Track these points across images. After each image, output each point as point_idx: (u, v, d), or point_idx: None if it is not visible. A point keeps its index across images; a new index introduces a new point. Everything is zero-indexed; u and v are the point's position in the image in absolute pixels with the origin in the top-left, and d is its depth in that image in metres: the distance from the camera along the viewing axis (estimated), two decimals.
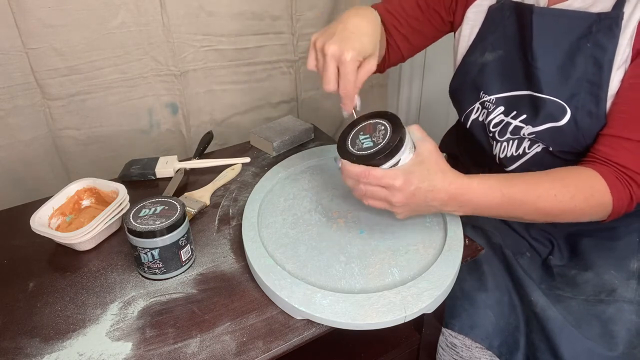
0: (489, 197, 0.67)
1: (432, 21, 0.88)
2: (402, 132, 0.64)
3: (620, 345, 0.68)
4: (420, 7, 0.87)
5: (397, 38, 0.88)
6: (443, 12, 0.88)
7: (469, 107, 0.87)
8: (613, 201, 0.69)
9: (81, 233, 0.71)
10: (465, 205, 0.67)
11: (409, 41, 0.89)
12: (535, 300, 0.73)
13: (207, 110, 1.23)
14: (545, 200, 0.68)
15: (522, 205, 0.68)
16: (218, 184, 0.89)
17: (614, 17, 0.70)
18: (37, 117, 1.05)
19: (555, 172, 0.71)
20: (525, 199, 0.68)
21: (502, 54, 0.81)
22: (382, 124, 0.66)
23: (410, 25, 0.88)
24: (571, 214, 0.70)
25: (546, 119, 0.76)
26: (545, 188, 0.68)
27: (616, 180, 0.69)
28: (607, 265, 0.78)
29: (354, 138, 0.67)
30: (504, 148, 0.83)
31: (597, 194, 0.69)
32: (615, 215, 0.71)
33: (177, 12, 1.07)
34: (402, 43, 0.89)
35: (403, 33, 0.88)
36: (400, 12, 0.87)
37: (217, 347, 0.59)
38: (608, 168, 0.70)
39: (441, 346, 0.79)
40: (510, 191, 0.67)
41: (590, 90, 0.72)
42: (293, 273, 0.66)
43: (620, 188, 0.69)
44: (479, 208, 0.68)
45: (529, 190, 0.68)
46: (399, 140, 0.63)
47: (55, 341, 0.61)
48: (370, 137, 0.66)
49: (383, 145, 0.64)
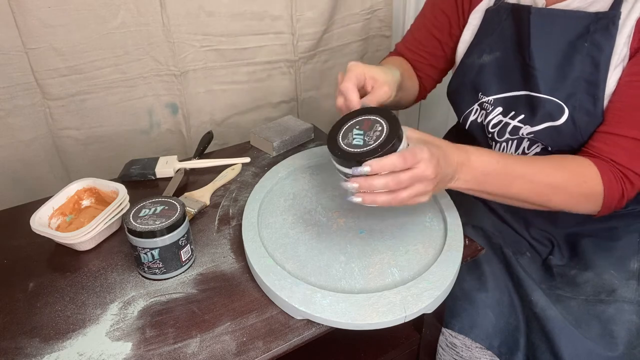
0: (488, 164, 0.68)
1: (450, 44, 0.92)
2: (400, 130, 0.61)
3: (621, 346, 0.68)
4: (435, 37, 0.92)
5: (423, 69, 0.96)
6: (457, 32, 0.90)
7: (467, 108, 0.87)
8: (604, 193, 0.70)
9: (81, 233, 0.71)
10: (468, 172, 0.67)
11: (435, 67, 0.96)
12: (535, 300, 0.73)
13: (207, 110, 1.23)
14: (540, 176, 0.69)
15: (518, 178, 0.69)
16: (218, 184, 0.89)
17: (611, 16, 0.70)
18: (37, 117, 1.04)
19: (553, 157, 0.73)
20: (521, 171, 0.69)
21: (500, 55, 0.82)
22: (374, 119, 0.63)
23: (432, 54, 0.94)
24: (563, 196, 0.71)
25: (544, 118, 0.76)
26: (541, 166, 0.70)
27: (610, 174, 0.70)
28: (607, 265, 0.78)
29: (346, 138, 0.63)
30: (503, 149, 0.83)
31: (590, 181, 0.70)
32: (606, 210, 0.72)
33: (177, 12, 1.07)
34: (430, 70, 0.96)
35: (427, 63, 0.96)
36: (419, 46, 0.95)
37: (217, 347, 0.59)
38: (603, 162, 0.71)
39: (441, 346, 0.79)
40: (508, 161, 0.69)
41: (587, 89, 0.73)
42: (293, 273, 0.66)
43: (613, 182, 0.70)
44: (479, 175, 0.68)
45: (526, 164, 0.70)
46: (399, 127, 0.60)
47: (55, 341, 0.61)
48: (366, 133, 0.62)
49: (387, 133, 0.60)
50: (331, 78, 1.36)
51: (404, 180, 0.59)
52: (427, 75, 0.97)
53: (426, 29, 0.93)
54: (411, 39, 0.96)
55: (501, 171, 0.68)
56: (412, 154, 0.59)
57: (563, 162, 0.72)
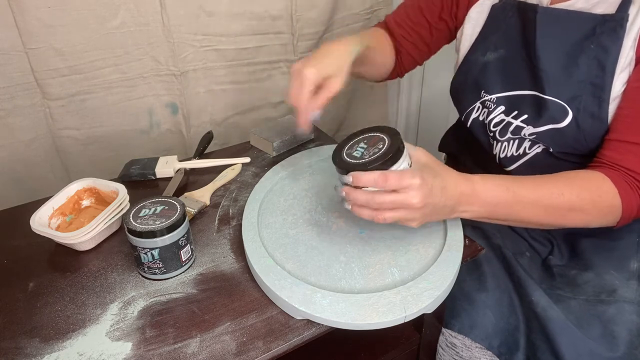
0: (496, 193, 0.66)
1: (438, 27, 0.91)
2: (401, 142, 0.62)
3: (622, 346, 0.68)
4: (425, 16, 0.91)
5: (406, 46, 0.94)
6: (447, 18, 0.90)
7: (469, 106, 0.87)
8: (623, 205, 0.68)
9: (81, 233, 0.71)
10: (474, 203, 0.66)
11: (418, 48, 0.94)
12: (536, 300, 0.73)
13: (207, 110, 1.23)
14: (552, 199, 0.67)
15: (529, 204, 0.67)
16: (218, 184, 0.89)
17: (618, 19, 0.69)
18: (37, 117, 1.05)
19: (562, 174, 0.70)
20: (532, 197, 0.67)
21: (504, 54, 0.81)
22: (381, 137, 0.65)
23: (418, 33, 0.92)
24: (579, 214, 0.68)
25: (547, 120, 0.75)
26: (552, 187, 0.67)
27: (625, 184, 0.68)
28: (607, 265, 0.78)
29: (350, 149, 0.66)
30: (504, 148, 0.83)
31: (605, 195, 0.68)
32: (626, 220, 0.70)
33: (177, 12, 1.07)
34: (413, 50, 0.94)
35: (411, 41, 0.93)
36: (407, 21, 0.92)
37: (217, 347, 0.59)
38: (616, 172, 0.69)
39: (441, 346, 0.79)
40: (517, 188, 0.66)
41: (592, 92, 0.72)
42: (293, 273, 0.66)
43: (629, 192, 0.68)
44: (487, 206, 0.66)
45: (536, 188, 0.67)
46: (399, 149, 0.62)
47: (55, 341, 0.61)
48: (368, 148, 0.64)
49: (384, 151, 0.62)
50: None
51: (386, 201, 0.60)
52: (408, 53, 0.95)
53: (418, 7, 0.91)
54: (401, 13, 0.94)
55: (511, 200, 0.66)
56: (398, 177, 0.59)
57: (575, 180, 0.69)
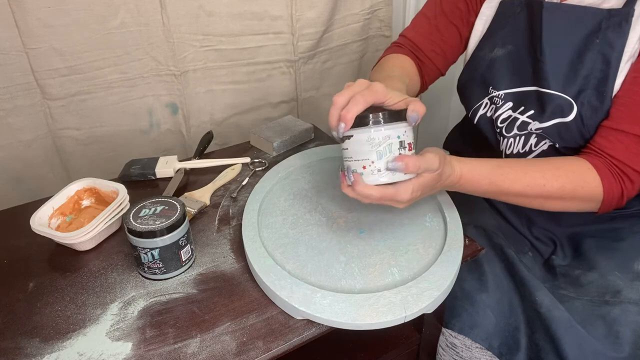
0: (480, 186, 0.70)
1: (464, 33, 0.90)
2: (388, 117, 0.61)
3: (626, 347, 0.67)
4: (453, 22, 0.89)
5: (435, 59, 0.92)
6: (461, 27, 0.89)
7: (477, 102, 0.87)
8: (604, 194, 0.70)
9: (81, 233, 0.71)
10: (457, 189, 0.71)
11: (446, 57, 0.93)
12: (540, 300, 0.73)
13: (207, 110, 1.23)
14: (535, 190, 0.70)
15: (511, 195, 0.72)
16: (218, 184, 0.89)
17: (624, 13, 0.70)
18: (37, 117, 1.04)
19: (549, 162, 0.73)
20: (512, 189, 0.70)
21: (512, 49, 0.81)
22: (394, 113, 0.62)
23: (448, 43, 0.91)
24: (558, 202, 0.72)
25: (554, 114, 0.76)
26: (535, 178, 0.70)
27: (609, 173, 0.70)
28: (611, 266, 0.78)
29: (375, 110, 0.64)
30: (510, 144, 0.83)
31: (587, 186, 0.70)
32: (605, 208, 0.72)
33: (177, 12, 1.07)
34: (441, 61, 0.93)
35: (440, 52, 0.91)
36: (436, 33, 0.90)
37: (217, 347, 0.59)
38: (602, 160, 0.71)
39: (441, 346, 0.79)
40: (501, 182, 0.70)
41: (597, 86, 0.72)
42: (293, 273, 0.66)
43: (612, 181, 0.70)
44: (471, 192, 0.72)
45: (517, 180, 0.70)
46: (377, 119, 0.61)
47: (55, 341, 0.61)
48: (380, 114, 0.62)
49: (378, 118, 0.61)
50: (331, 78, 1.36)
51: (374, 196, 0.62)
52: (436, 67, 0.92)
53: (444, 16, 0.89)
54: (423, 24, 0.91)
55: (495, 191, 0.71)
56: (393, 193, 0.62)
57: (559, 168, 0.71)
